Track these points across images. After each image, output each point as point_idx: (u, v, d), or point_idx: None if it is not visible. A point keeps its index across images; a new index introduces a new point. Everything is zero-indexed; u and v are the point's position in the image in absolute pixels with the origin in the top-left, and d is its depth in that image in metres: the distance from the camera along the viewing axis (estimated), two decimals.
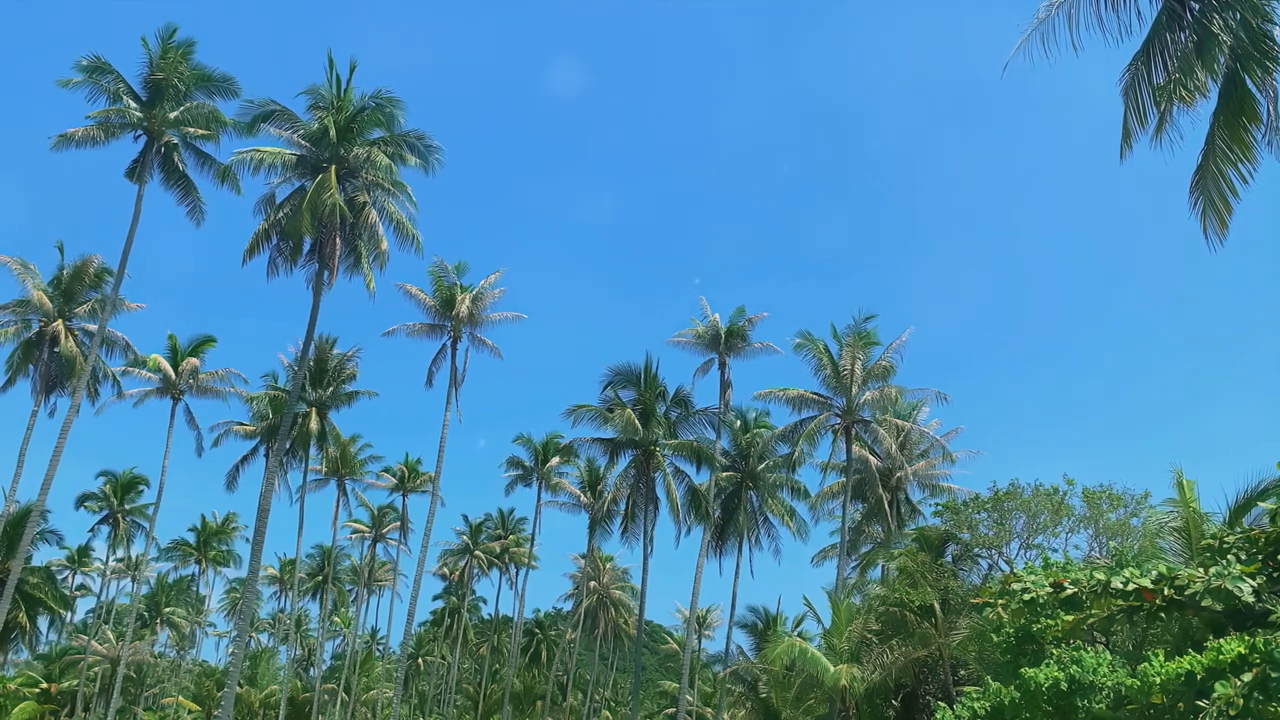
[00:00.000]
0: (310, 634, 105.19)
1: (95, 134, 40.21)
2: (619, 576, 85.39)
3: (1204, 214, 16.47)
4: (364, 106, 41.33)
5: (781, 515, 54.61)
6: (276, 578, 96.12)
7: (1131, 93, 17.08)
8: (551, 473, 71.02)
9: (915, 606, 32.72)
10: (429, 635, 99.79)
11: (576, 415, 48.08)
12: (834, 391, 46.11)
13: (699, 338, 52.48)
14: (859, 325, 45.89)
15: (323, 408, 57.90)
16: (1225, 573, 14.24)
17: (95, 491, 74.25)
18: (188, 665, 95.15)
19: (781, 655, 33.69)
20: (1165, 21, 16.84)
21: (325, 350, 57.08)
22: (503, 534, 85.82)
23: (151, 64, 40.58)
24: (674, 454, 48.74)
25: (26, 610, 49.88)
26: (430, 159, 42.37)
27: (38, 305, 48.41)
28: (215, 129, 41.77)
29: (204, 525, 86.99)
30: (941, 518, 36.82)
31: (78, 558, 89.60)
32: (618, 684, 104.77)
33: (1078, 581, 15.50)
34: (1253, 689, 12.69)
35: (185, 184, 42.53)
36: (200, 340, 59.23)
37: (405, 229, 42.47)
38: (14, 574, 41.27)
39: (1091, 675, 16.50)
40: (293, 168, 41.32)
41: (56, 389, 48.81)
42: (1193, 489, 21.64)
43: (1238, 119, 16.10)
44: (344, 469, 66.98)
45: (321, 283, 40.79)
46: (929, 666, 34.10)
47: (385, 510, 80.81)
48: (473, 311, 52.24)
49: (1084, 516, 32.40)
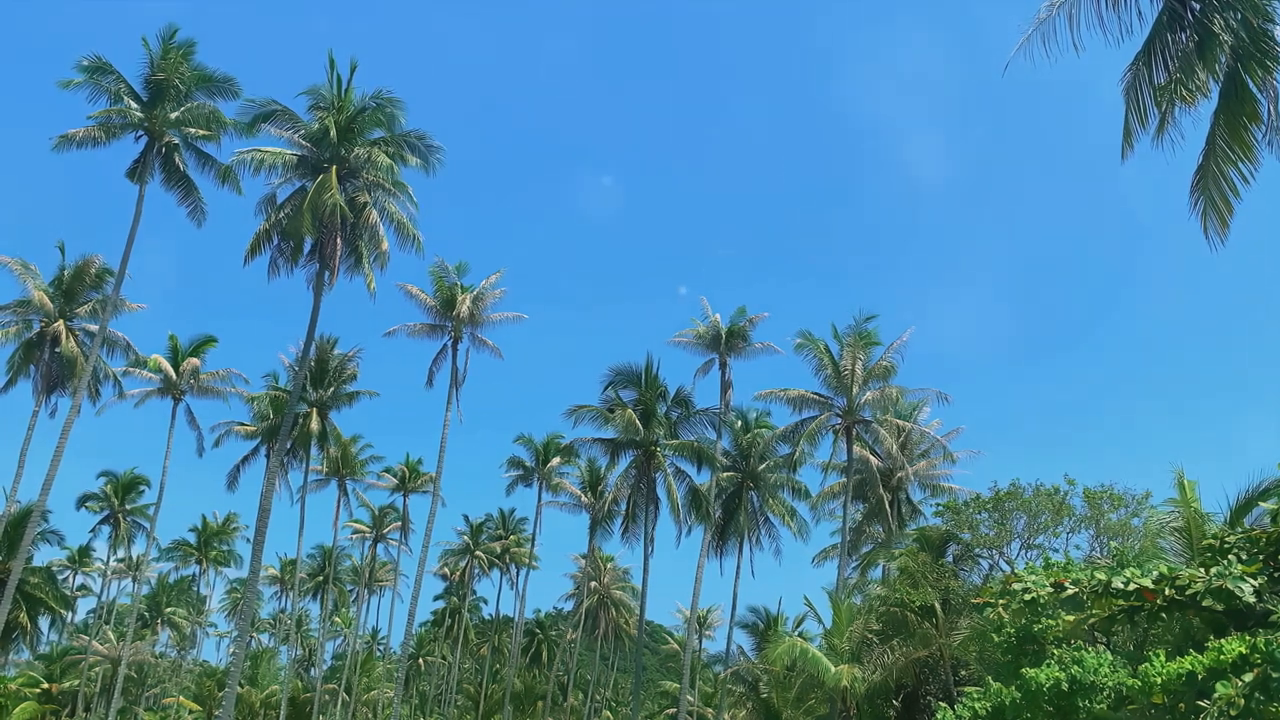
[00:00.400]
0: (311, 634, 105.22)
1: (96, 134, 40.21)
2: (620, 577, 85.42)
3: (1205, 214, 16.46)
4: (364, 107, 41.33)
5: (782, 515, 54.61)
6: (277, 578, 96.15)
7: (1133, 92, 17.07)
8: (552, 473, 71.03)
9: (916, 607, 32.70)
10: (430, 635, 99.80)
11: (577, 415, 48.05)
12: (835, 391, 46.11)
13: (700, 338, 52.49)
14: (860, 325, 45.90)
15: (324, 408, 57.92)
16: (1226, 573, 14.25)
17: (96, 492, 74.35)
18: (188, 665, 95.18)
19: (782, 655, 33.69)
20: (1166, 21, 16.84)
21: (326, 350, 57.10)
22: (503, 534, 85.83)
23: (152, 64, 40.59)
24: (675, 454, 48.69)
25: (28, 610, 49.95)
26: (431, 159, 42.43)
27: (39, 306, 48.42)
28: (216, 129, 41.77)
29: (205, 525, 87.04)
30: (942, 518, 36.83)
31: (79, 558, 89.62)
32: (618, 684, 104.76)
33: (1079, 581, 15.52)
34: (1254, 689, 12.70)
35: (186, 184, 42.53)
36: (201, 340, 59.26)
37: (406, 229, 42.48)
38: (15, 574, 41.29)
39: (1092, 675, 16.49)
40: (294, 168, 41.32)
41: (57, 389, 48.82)
42: (1194, 489, 21.62)
43: (1238, 119, 16.09)
44: (345, 469, 67.00)
45: (322, 283, 40.80)
46: (930, 667, 34.09)
47: (386, 510, 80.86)
48: (473, 311, 52.25)
49: (1085, 516, 32.40)
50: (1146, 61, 16.96)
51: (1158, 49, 16.82)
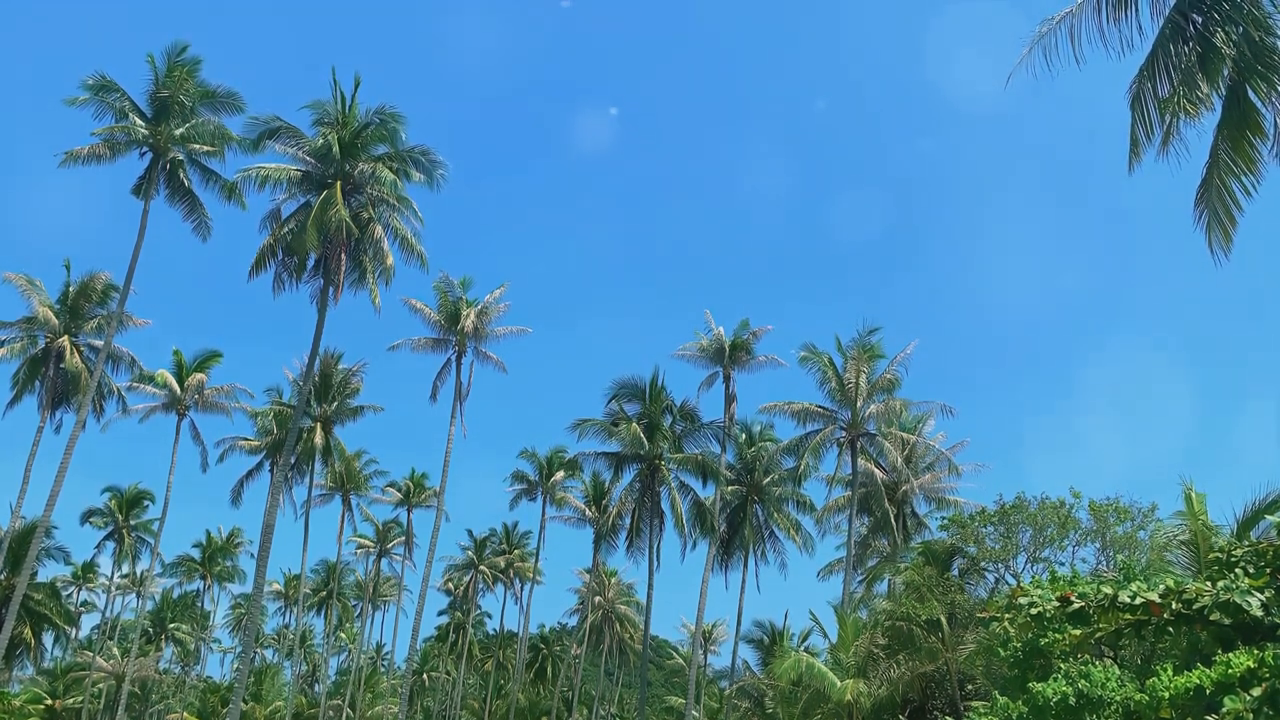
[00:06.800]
0: (315, 649, 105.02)
1: (101, 151, 40.43)
2: (624, 591, 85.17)
3: (1209, 227, 16.48)
4: (368, 122, 41.54)
5: (787, 529, 54.48)
6: (281, 593, 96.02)
7: (1138, 105, 17.10)
8: (556, 487, 70.96)
9: (922, 621, 32.54)
10: (434, 650, 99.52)
11: (581, 429, 47.99)
12: (839, 404, 46.07)
13: (703, 351, 52.46)
14: (863, 338, 45.91)
15: (328, 423, 57.96)
16: (1233, 586, 14.15)
17: (100, 507, 74.43)
18: (192, 681, 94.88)
19: (788, 670, 33.54)
20: (1169, 34, 16.89)
21: (330, 365, 57.16)
22: (507, 548, 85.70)
23: (157, 81, 40.86)
24: (679, 468, 48.56)
25: (32, 626, 49.97)
26: (434, 174, 42.66)
27: (44, 322, 48.57)
28: (221, 145, 42.00)
29: (209, 541, 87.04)
30: (948, 531, 36.69)
31: (83, 573, 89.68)
32: (624, 699, 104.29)
33: (1085, 595, 15.41)
34: (1262, 703, 12.62)
35: (191, 200, 42.74)
36: (206, 355, 59.27)
37: (410, 244, 42.59)
38: (19, 590, 41.33)
39: (1100, 690, 16.41)
40: (298, 183, 41.50)
41: (62, 405, 48.95)
42: (1202, 501, 21.54)
43: (1241, 132, 16.12)
44: (349, 484, 66.97)
45: (327, 298, 40.91)
46: (936, 681, 33.91)
47: (390, 525, 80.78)
48: (478, 326, 52.31)
49: (1091, 530, 32.26)
50: (1150, 74, 17.00)
51: (1161, 62, 16.87)
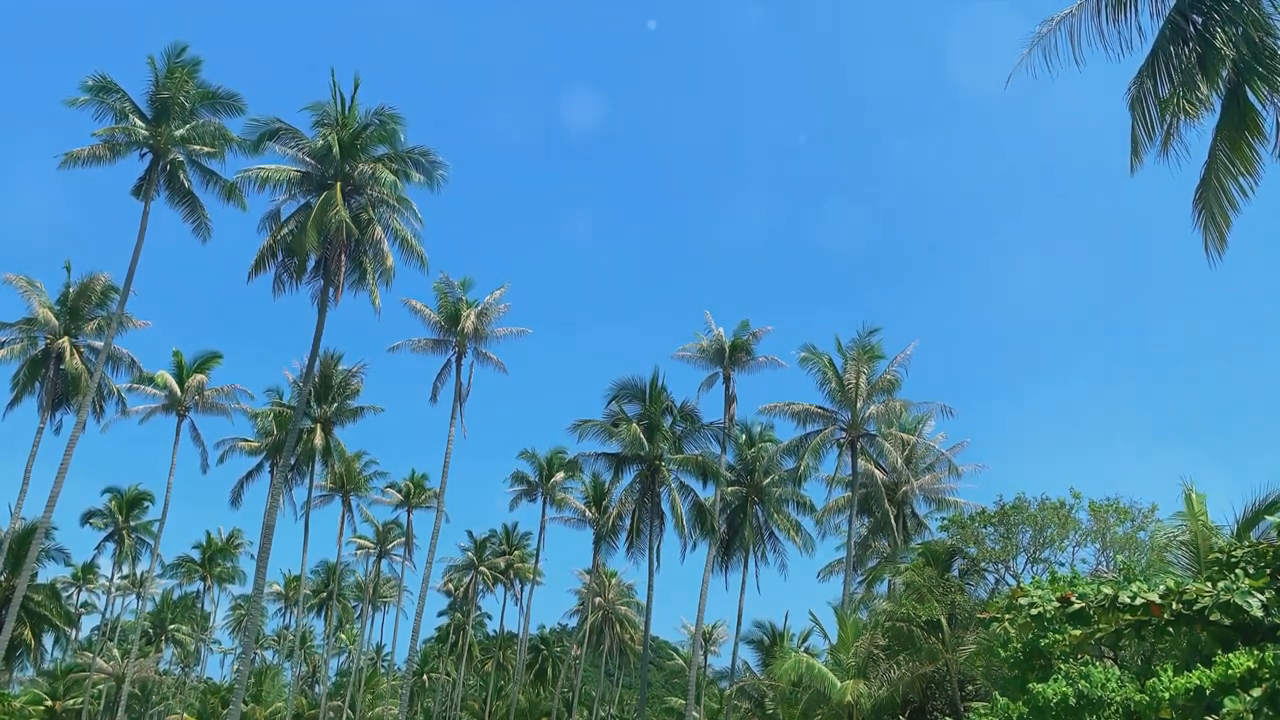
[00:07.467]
0: (315, 650, 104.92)
1: (101, 152, 40.43)
2: (624, 592, 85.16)
3: (1206, 228, 16.50)
4: (368, 123, 41.55)
5: (787, 530, 54.48)
6: (281, 594, 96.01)
7: (1138, 106, 17.11)
8: (556, 488, 70.96)
9: (922, 621, 32.54)
10: (434, 651, 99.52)
11: (581, 430, 47.94)
12: (839, 405, 46.07)
13: (703, 352, 52.47)
14: (863, 339, 45.92)
15: (328, 424, 57.96)
16: (1234, 587, 14.17)
17: (100, 508, 74.38)
18: (192, 682, 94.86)
19: (788, 671, 33.54)
20: (1169, 35, 16.90)
21: (330, 366, 57.16)
22: (508, 549, 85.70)
23: (157, 82, 40.85)
24: (679, 469, 48.54)
25: (32, 627, 49.97)
26: (434, 175, 42.67)
27: (44, 323, 48.57)
28: (221, 146, 42.01)
29: (209, 542, 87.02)
30: (948, 532, 36.68)
31: (83, 575, 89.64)
32: (624, 700, 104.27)
33: (1085, 596, 15.43)
34: (1262, 704, 12.63)
35: (191, 201, 42.74)
36: (206, 356, 59.27)
37: (410, 245, 42.59)
38: (19, 591, 41.33)
39: (1100, 690, 16.39)
40: (298, 184, 41.51)
41: (62, 406, 48.96)
42: (1202, 502, 21.52)
43: (1240, 133, 16.14)
44: (349, 485, 66.96)
45: (327, 299, 40.93)
46: (936, 682, 33.91)
47: (390, 526, 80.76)
48: (478, 327, 52.33)
49: (1091, 530, 32.23)
50: (1150, 75, 17.01)
51: (1161, 62, 16.88)
